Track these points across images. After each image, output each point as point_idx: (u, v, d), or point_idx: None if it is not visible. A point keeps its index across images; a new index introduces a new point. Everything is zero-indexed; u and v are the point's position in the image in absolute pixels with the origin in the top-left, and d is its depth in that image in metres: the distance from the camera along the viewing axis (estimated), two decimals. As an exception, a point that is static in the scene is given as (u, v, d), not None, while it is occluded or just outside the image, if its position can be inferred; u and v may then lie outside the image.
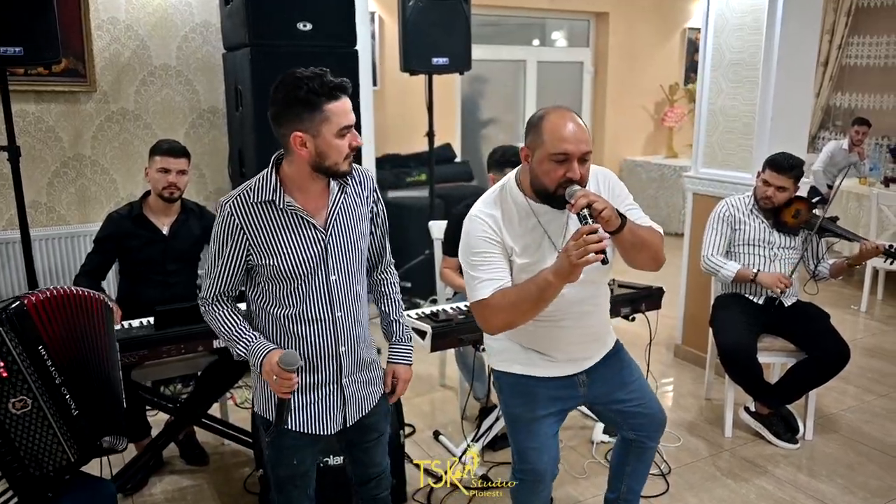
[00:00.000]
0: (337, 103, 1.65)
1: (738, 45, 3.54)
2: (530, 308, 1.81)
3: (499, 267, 1.87)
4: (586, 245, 1.65)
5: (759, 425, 3.11)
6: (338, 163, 1.69)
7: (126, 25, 4.10)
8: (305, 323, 1.79)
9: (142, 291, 2.97)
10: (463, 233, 1.91)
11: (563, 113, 1.81)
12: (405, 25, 4.32)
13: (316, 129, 1.66)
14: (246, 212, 1.73)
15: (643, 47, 7.73)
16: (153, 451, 2.86)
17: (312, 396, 1.84)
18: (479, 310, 1.87)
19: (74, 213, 4.16)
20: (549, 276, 1.75)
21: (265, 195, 1.73)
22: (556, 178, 1.78)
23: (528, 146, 1.84)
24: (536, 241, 1.91)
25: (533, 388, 2.03)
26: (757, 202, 3.17)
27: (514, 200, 1.90)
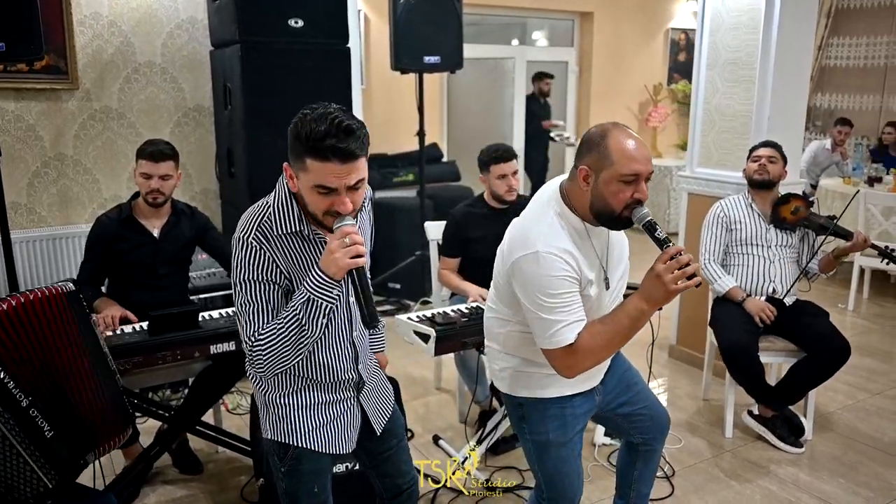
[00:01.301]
0: (322, 164, 1.44)
1: (735, 43, 3.54)
2: (621, 342, 1.73)
3: (580, 306, 1.76)
4: (681, 269, 1.60)
5: (762, 429, 3.08)
6: (316, 215, 1.54)
7: (109, 21, 3.99)
8: (330, 347, 1.71)
9: (132, 296, 2.88)
10: (527, 273, 1.74)
11: (625, 130, 1.74)
12: (396, 23, 4.26)
13: (296, 171, 1.51)
14: (273, 245, 1.57)
15: (627, 47, 7.76)
16: (146, 460, 2.76)
17: (332, 414, 1.76)
18: (566, 356, 1.74)
19: (56, 215, 4.04)
20: (641, 304, 1.67)
21: (291, 226, 1.57)
22: (623, 200, 1.70)
23: (589, 166, 1.74)
24: (597, 266, 1.83)
25: (561, 409, 1.94)
26: (752, 185, 3.18)
27: (573, 225, 1.79)
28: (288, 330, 1.52)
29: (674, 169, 7.41)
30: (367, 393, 1.82)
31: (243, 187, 3.79)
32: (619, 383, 2.08)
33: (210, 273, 3.84)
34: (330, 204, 1.50)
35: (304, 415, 1.72)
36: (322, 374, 1.72)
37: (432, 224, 3.49)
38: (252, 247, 1.55)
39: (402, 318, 2.73)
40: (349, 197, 1.49)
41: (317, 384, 1.73)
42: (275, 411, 1.73)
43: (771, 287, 3.15)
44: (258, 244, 1.55)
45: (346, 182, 1.47)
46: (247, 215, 1.60)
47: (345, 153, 1.44)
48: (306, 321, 1.51)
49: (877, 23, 7.03)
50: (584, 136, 1.80)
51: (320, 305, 1.50)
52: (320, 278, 1.50)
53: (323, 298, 1.51)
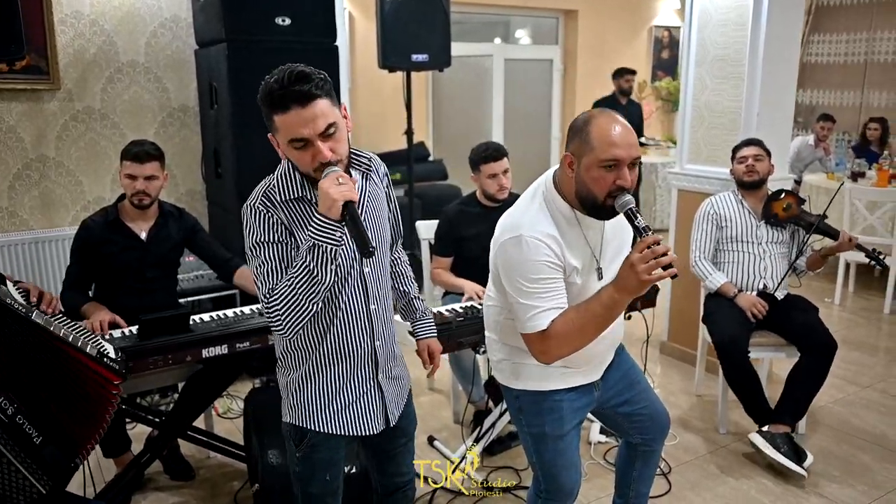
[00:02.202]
0: (285, 115, 1.49)
1: (723, 40, 3.55)
2: (596, 331, 1.73)
3: (561, 293, 1.76)
4: (655, 258, 1.58)
5: (766, 445, 2.84)
6: (308, 173, 1.57)
7: (91, 20, 3.91)
8: (342, 319, 1.69)
9: (120, 300, 2.82)
10: (510, 256, 1.75)
11: (610, 116, 1.73)
12: (383, 21, 4.22)
13: (274, 135, 1.57)
14: (281, 210, 1.60)
15: (612, 45, 7.78)
16: (137, 468, 2.71)
17: (353, 395, 1.74)
18: (541, 342, 1.75)
19: (38, 218, 3.96)
20: (614, 293, 1.66)
21: (294, 192, 1.60)
22: (606, 186, 1.69)
23: (573, 152, 1.74)
24: (587, 255, 1.82)
25: (558, 402, 1.92)
26: (743, 186, 3.18)
27: (561, 211, 1.79)
28: (300, 280, 1.52)
29: (659, 165, 7.44)
30: (386, 375, 1.79)
31: (230, 188, 3.74)
32: (622, 381, 2.06)
33: (198, 275, 3.79)
34: (312, 157, 1.52)
35: (323, 397, 1.72)
36: (336, 347, 1.69)
37: (423, 223, 3.46)
38: (258, 211, 1.58)
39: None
40: (325, 144, 1.51)
41: (333, 361, 1.70)
42: (294, 393, 1.74)
43: (762, 283, 3.16)
44: (265, 209, 1.58)
45: (315, 128, 1.49)
46: (255, 190, 1.64)
47: (302, 96, 1.46)
48: (315, 268, 1.51)
49: (856, 20, 7.11)
50: (571, 124, 1.80)
51: (326, 249, 1.51)
52: (320, 221, 1.50)
53: (325, 241, 1.50)
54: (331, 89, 1.54)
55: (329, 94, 1.53)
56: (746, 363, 2.93)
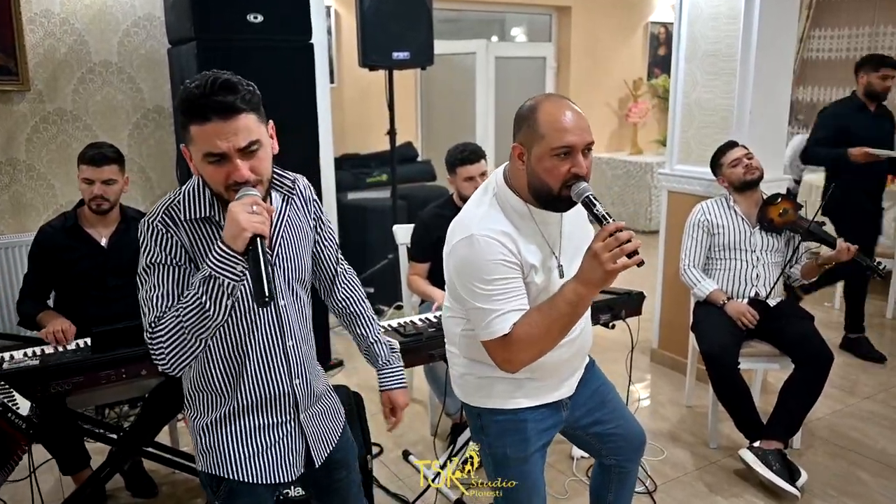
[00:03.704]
0: (203, 127, 1.33)
1: (714, 35, 3.40)
2: (561, 331, 1.60)
3: (520, 294, 1.62)
4: (619, 246, 1.45)
5: (757, 462, 2.68)
6: (220, 192, 1.40)
7: (62, 19, 3.79)
8: (255, 358, 1.52)
9: (81, 309, 2.69)
10: (462, 258, 1.63)
11: (558, 100, 1.61)
12: (363, 17, 4.09)
13: (188, 147, 1.40)
14: (181, 230, 1.43)
15: (606, 42, 7.63)
16: (95, 484, 2.59)
17: (269, 440, 1.57)
18: (503, 348, 1.61)
19: (9, 223, 3.83)
20: (578, 288, 1.54)
21: (199, 211, 1.43)
22: (560, 176, 1.56)
23: (522, 143, 1.62)
24: (546, 253, 1.68)
25: (522, 422, 1.78)
26: (744, 188, 3.03)
27: (514, 207, 1.66)
28: (188, 312, 1.34)
29: (654, 165, 7.29)
30: (309, 415, 1.63)
31: (205, 191, 3.61)
32: (592, 398, 1.92)
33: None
34: (226, 175, 1.36)
35: (237, 442, 1.55)
36: (250, 389, 1.53)
37: (401, 227, 3.33)
38: (157, 229, 1.42)
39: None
40: (245, 163, 1.36)
41: (248, 405, 1.54)
42: (205, 439, 1.56)
43: (753, 291, 3.01)
44: (164, 227, 1.42)
45: (234, 143, 1.34)
46: (157, 204, 1.47)
47: (224, 107, 1.32)
48: (207, 302, 1.33)
49: (859, 14, 6.93)
50: (517, 112, 1.66)
51: (222, 283, 1.33)
52: (222, 251, 1.32)
53: (224, 274, 1.32)
54: (258, 104, 1.40)
55: (256, 109, 1.39)
56: (736, 375, 2.79)
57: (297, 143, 3.61)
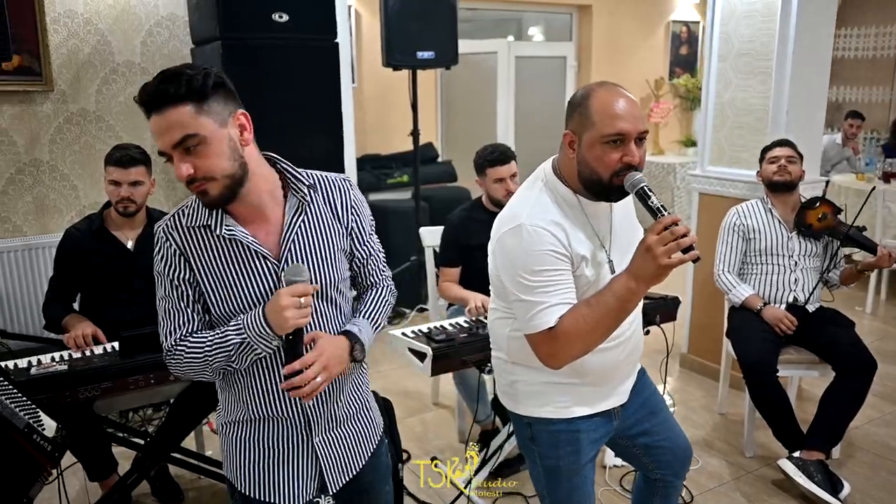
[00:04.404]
0: (155, 118, 1.26)
1: (749, 33, 3.32)
2: (610, 327, 1.53)
3: (568, 287, 1.56)
4: (675, 240, 1.39)
5: (798, 473, 2.61)
6: (189, 191, 1.34)
7: (85, 19, 3.77)
8: (262, 373, 1.44)
9: (106, 312, 2.66)
10: (509, 250, 1.57)
11: (612, 87, 1.55)
12: (387, 17, 4.04)
13: None
14: (180, 237, 1.38)
15: (627, 41, 7.55)
16: (122, 490, 2.55)
17: (277, 458, 1.48)
18: (548, 342, 1.55)
19: (32, 224, 3.82)
20: (629, 283, 1.47)
21: (199, 218, 1.38)
22: (610, 165, 1.51)
23: (573, 130, 1.57)
24: (595, 245, 1.62)
25: (575, 432, 1.71)
26: (773, 189, 2.96)
27: (564, 198, 1.60)
28: (214, 355, 1.38)
29: (677, 166, 7.20)
30: (326, 440, 1.51)
31: (228, 192, 3.57)
32: (642, 408, 1.85)
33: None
34: (177, 175, 1.29)
35: (246, 453, 1.49)
36: (259, 402, 1.45)
37: (427, 230, 3.27)
38: (159, 239, 1.41)
39: (395, 332, 2.52)
40: (186, 161, 1.27)
41: (258, 417, 1.46)
42: (223, 440, 1.54)
43: (791, 296, 2.93)
44: (165, 237, 1.40)
45: (169, 140, 1.25)
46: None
47: (155, 100, 1.24)
48: (235, 357, 1.38)
49: (886, 12, 6.81)
50: (569, 99, 1.61)
51: (254, 350, 1.37)
52: (263, 328, 1.34)
53: (260, 346, 1.37)
54: (206, 94, 1.27)
55: (199, 99, 1.26)
56: (775, 383, 2.71)
57: (322, 142, 3.58)
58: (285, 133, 3.45)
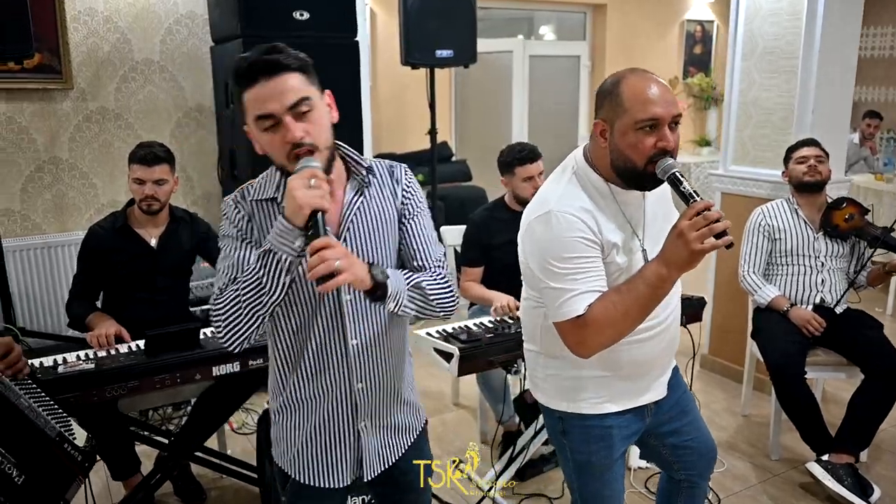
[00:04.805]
0: (252, 89, 1.33)
1: (774, 31, 3.29)
2: (640, 315, 1.51)
3: (598, 275, 1.54)
4: (708, 225, 1.36)
5: (827, 476, 2.59)
6: (283, 164, 1.37)
7: (105, 17, 3.77)
8: (312, 351, 1.46)
9: (128, 310, 2.66)
10: (538, 237, 1.55)
11: (643, 73, 1.52)
12: (407, 15, 4.02)
13: (247, 120, 1.39)
14: (247, 207, 1.44)
15: (641, 40, 7.51)
16: (146, 490, 2.55)
17: (320, 441, 1.51)
18: (577, 330, 1.53)
19: (51, 222, 3.82)
20: (660, 269, 1.45)
21: (266, 191, 1.44)
22: (645, 151, 1.48)
23: (605, 118, 1.54)
24: (628, 233, 1.60)
25: (608, 428, 1.69)
26: (801, 189, 2.92)
27: (595, 186, 1.58)
28: (246, 287, 1.34)
29: (692, 166, 7.17)
30: (367, 424, 1.53)
31: (247, 191, 3.56)
32: (674, 407, 1.83)
33: (212, 283, 3.61)
34: (282, 140, 1.33)
35: (292, 434, 1.52)
36: (306, 383, 1.49)
37: (448, 229, 3.26)
38: (229, 205, 1.46)
39: (420, 333, 2.50)
40: (297, 123, 1.32)
41: (304, 398, 1.50)
42: (274, 424, 1.56)
43: (818, 297, 2.90)
44: (235, 205, 1.45)
45: (283, 102, 1.31)
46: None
47: (269, 66, 1.31)
48: (265, 276, 1.32)
49: (904, 11, 6.76)
50: (599, 87, 1.58)
51: (280, 258, 1.31)
52: (282, 225, 1.32)
53: (281, 248, 1.31)
54: (309, 68, 1.37)
55: (305, 71, 1.36)
56: (803, 386, 2.68)
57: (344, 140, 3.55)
58: (305, 131, 3.44)
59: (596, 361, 1.61)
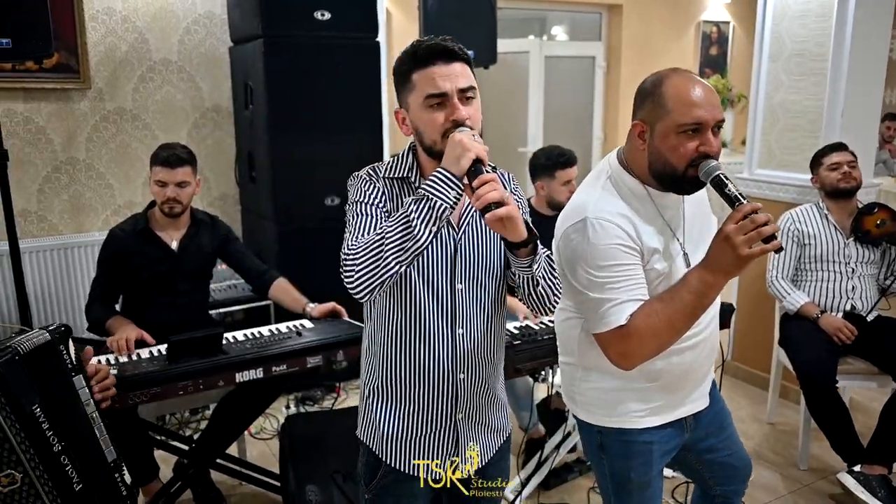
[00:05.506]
0: (426, 69, 1.37)
1: (803, 33, 3.23)
2: (685, 324, 1.47)
3: (639, 283, 1.50)
4: (756, 229, 1.32)
5: (860, 488, 2.55)
6: (435, 141, 1.38)
7: (123, 16, 3.74)
8: (419, 334, 1.45)
9: (148, 314, 2.63)
10: (575, 245, 1.51)
11: (686, 74, 1.49)
12: (426, 16, 3.97)
13: (406, 101, 1.42)
14: (380, 183, 1.47)
15: (657, 41, 7.44)
16: (166, 497, 2.52)
17: (419, 430, 1.50)
18: (619, 341, 1.49)
19: (68, 223, 3.80)
20: (705, 275, 1.41)
21: (399, 171, 1.47)
22: (686, 155, 1.44)
23: (644, 119, 1.50)
24: (668, 237, 1.55)
25: (648, 444, 1.65)
26: (835, 196, 2.87)
27: (631, 189, 1.54)
28: (393, 228, 1.32)
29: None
30: (465, 416, 1.51)
31: (266, 192, 3.54)
32: (712, 422, 1.79)
33: (231, 285, 3.59)
34: (446, 117, 1.37)
35: (387, 417, 1.52)
36: (410, 367, 1.48)
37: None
38: (363, 178, 1.48)
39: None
40: (466, 106, 1.38)
41: (405, 382, 1.49)
42: (366, 406, 1.56)
43: (849, 304, 2.85)
44: (368, 178, 1.48)
45: (456, 84, 1.36)
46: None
47: (447, 51, 1.38)
48: (416, 220, 1.31)
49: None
50: (639, 87, 1.54)
51: (434, 205, 1.31)
52: (441, 173, 1.33)
53: (438, 195, 1.31)
54: (472, 65, 1.43)
55: (471, 66, 1.42)
56: (835, 394, 2.63)
57: (364, 141, 3.54)
58: (326, 130, 3.41)
59: (636, 372, 1.56)
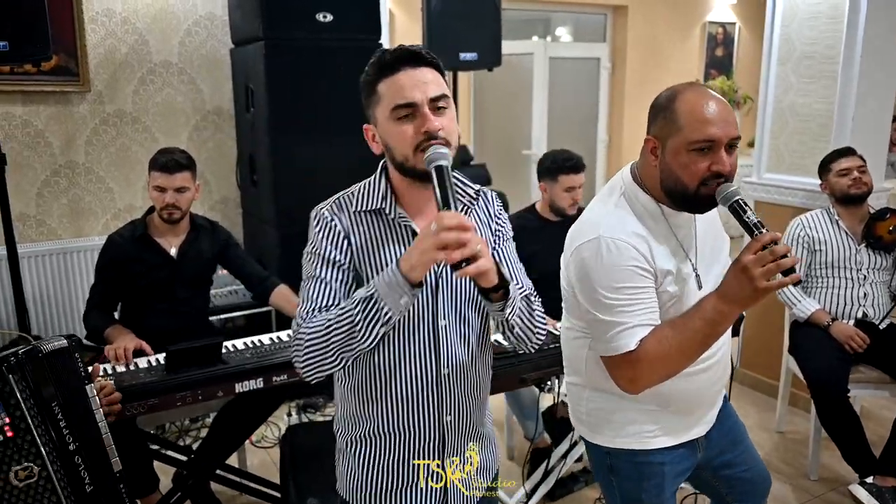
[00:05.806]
0: (393, 77, 1.26)
1: (813, 35, 3.18)
2: (696, 352, 1.42)
3: (651, 307, 1.45)
4: (775, 261, 1.28)
5: (871, 499, 2.52)
6: (406, 156, 1.26)
7: (123, 18, 3.70)
8: (402, 378, 1.34)
9: (147, 321, 2.59)
10: (586, 264, 1.45)
11: (701, 89, 1.44)
12: (430, 17, 3.93)
13: (374, 114, 1.31)
14: (346, 220, 1.33)
15: (662, 43, 7.39)
16: (165, 508, 2.47)
17: (404, 477, 1.39)
18: (628, 367, 1.44)
19: (67, 227, 3.76)
20: (720, 305, 1.36)
21: (371, 203, 1.33)
22: (698, 173, 1.40)
23: (656, 135, 1.45)
24: (680, 257, 1.50)
25: (660, 465, 1.60)
26: (846, 202, 2.82)
27: (645, 206, 1.49)
28: (337, 327, 1.22)
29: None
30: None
31: (267, 195, 3.49)
32: (726, 437, 1.74)
33: (231, 291, 3.55)
34: (416, 130, 1.25)
35: (369, 471, 1.40)
36: (393, 414, 1.36)
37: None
38: (322, 218, 1.34)
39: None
40: (438, 117, 1.26)
41: (388, 430, 1.38)
42: (343, 459, 1.44)
43: (860, 311, 2.79)
44: (330, 216, 1.34)
45: (426, 92, 1.25)
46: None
47: (414, 56, 1.28)
48: (361, 324, 1.21)
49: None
50: (653, 102, 1.49)
51: (382, 310, 1.20)
52: (395, 276, 1.19)
53: (388, 303, 1.20)
54: (443, 71, 1.33)
55: (442, 74, 1.31)
56: (846, 404, 2.58)
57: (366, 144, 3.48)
58: (328, 133, 3.36)
59: (647, 394, 1.52)
